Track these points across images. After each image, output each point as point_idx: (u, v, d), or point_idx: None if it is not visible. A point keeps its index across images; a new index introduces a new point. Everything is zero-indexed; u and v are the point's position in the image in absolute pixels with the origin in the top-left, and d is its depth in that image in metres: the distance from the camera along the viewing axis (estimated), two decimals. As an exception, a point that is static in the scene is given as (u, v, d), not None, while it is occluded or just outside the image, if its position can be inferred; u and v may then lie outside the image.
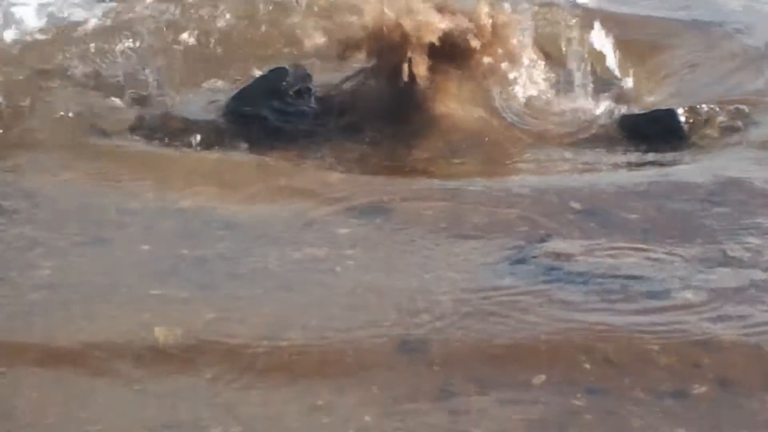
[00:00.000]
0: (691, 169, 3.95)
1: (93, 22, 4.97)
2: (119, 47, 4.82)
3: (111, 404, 2.72)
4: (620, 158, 4.07)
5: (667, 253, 3.29)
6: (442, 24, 4.20)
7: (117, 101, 4.38)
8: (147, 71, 4.61)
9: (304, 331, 2.96)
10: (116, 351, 2.88)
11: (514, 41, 4.34)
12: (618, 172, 3.95)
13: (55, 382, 2.80)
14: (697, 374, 2.80)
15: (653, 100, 4.55)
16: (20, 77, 4.51)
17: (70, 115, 4.23)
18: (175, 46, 4.89)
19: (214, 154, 4.02)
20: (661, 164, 4.00)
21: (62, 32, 4.91)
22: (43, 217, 3.51)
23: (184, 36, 4.95)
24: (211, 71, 4.70)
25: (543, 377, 2.79)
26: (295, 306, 3.07)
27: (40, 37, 4.87)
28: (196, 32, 4.97)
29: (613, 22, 5.16)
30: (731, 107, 4.27)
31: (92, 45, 4.80)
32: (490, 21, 4.28)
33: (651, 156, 4.07)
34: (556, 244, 3.35)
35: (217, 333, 2.95)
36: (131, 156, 3.99)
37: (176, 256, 3.28)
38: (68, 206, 3.58)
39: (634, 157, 4.07)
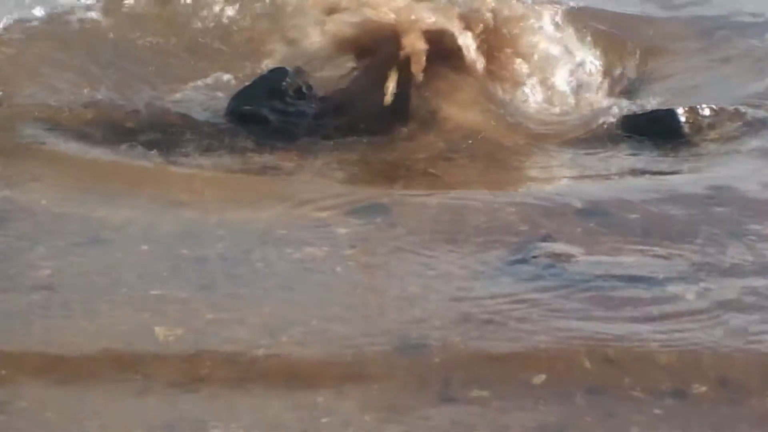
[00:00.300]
0: (691, 169, 3.95)
1: (83, 18, 4.95)
2: (115, 43, 4.81)
3: (111, 404, 2.72)
4: (621, 158, 4.06)
5: (667, 255, 3.29)
6: (434, 21, 4.20)
7: (114, 99, 4.37)
8: (144, 68, 4.61)
9: (304, 331, 2.96)
10: (116, 351, 2.87)
11: (519, 41, 4.34)
12: (618, 173, 3.95)
13: (54, 382, 2.79)
14: (697, 375, 2.80)
15: (654, 99, 4.54)
16: (10, 75, 4.50)
17: (65, 114, 4.23)
18: (174, 41, 4.89)
19: (213, 154, 4.02)
20: (662, 165, 4.00)
21: (54, 28, 4.89)
22: (42, 219, 3.51)
23: (183, 32, 4.94)
24: (211, 68, 4.69)
25: (543, 377, 2.79)
26: (295, 306, 3.07)
27: (32, 31, 4.84)
28: (194, 28, 4.97)
29: (613, 22, 5.17)
30: (732, 108, 4.28)
31: (87, 40, 4.80)
32: (492, 16, 4.28)
33: (651, 156, 4.07)
34: (557, 244, 3.35)
35: (217, 333, 2.95)
36: (130, 155, 3.99)
37: (176, 256, 3.28)
38: (68, 208, 3.58)
39: (634, 157, 4.07)
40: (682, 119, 4.19)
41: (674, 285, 3.14)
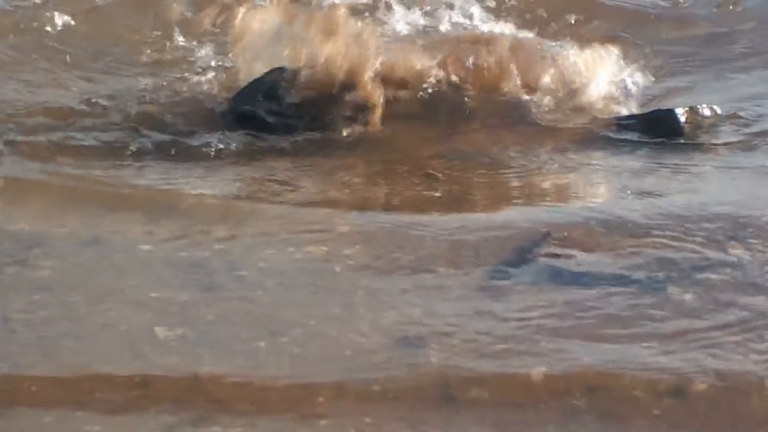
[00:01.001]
0: (692, 169, 3.95)
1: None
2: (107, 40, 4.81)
3: (110, 404, 2.71)
4: (621, 158, 4.07)
5: (668, 255, 3.29)
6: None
7: (107, 101, 4.36)
8: (138, 64, 4.61)
9: (304, 331, 2.96)
10: (117, 351, 2.87)
11: (519, 44, 4.38)
12: (619, 173, 3.96)
13: (53, 383, 2.79)
14: (696, 376, 2.81)
15: (654, 100, 4.54)
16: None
17: (57, 111, 4.23)
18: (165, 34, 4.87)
19: (212, 154, 4.01)
20: (662, 165, 4.00)
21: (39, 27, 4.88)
22: (41, 218, 3.51)
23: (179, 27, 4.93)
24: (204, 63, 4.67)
25: (542, 376, 2.79)
26: (295, 306, 3.07)
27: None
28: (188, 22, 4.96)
29: (613, 20, 5.17)
30: (733, 109, 4.28)
31: (80, 37, 4.79)
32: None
33: (652, 156, 4.08)
34: (557, 244, 3.35)
35: (217, 333, 2.95)
36: (130, 154, 3.99)
37: (176, 257, 3.28)
38: (68, 207, 3.58)
39: (634, 157, 4.08)
40: (682, 119, 4.20)
41: (675, 285, 3.14)
